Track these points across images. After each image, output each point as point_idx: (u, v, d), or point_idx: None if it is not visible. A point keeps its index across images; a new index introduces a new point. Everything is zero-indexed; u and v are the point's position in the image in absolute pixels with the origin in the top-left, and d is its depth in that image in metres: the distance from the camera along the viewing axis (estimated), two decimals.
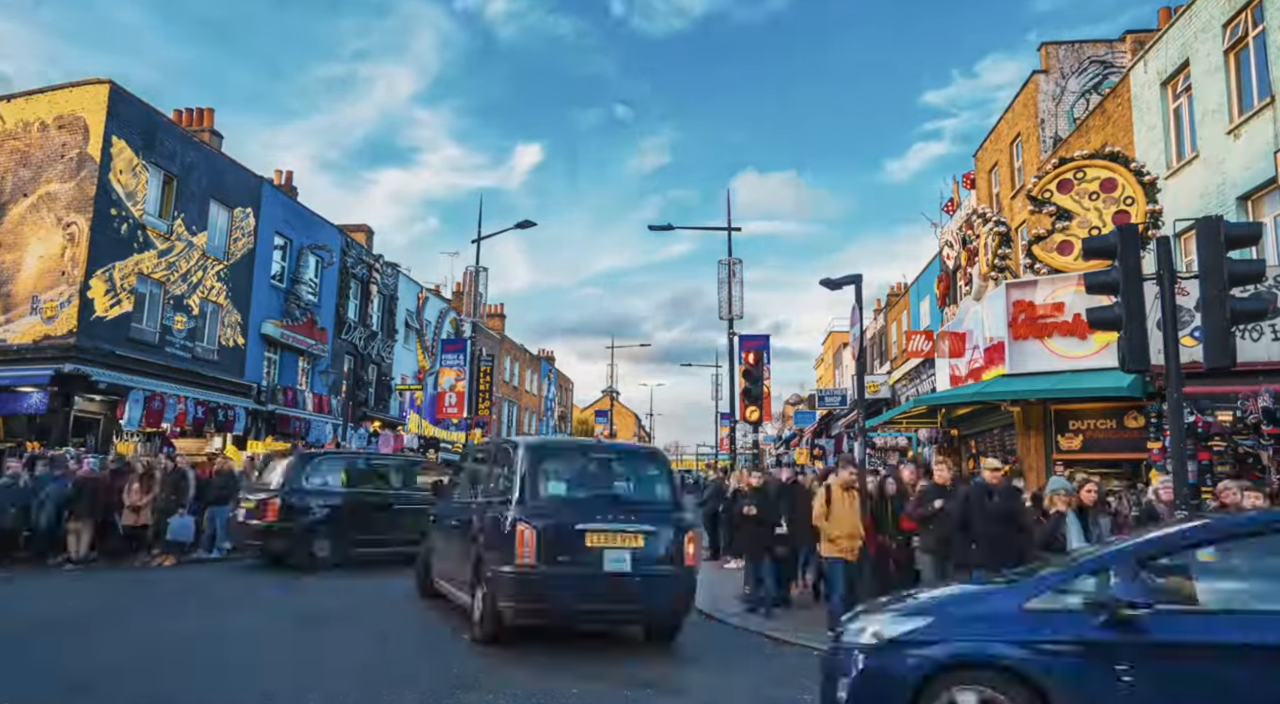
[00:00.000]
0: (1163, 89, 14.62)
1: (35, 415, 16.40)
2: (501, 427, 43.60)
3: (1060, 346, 12.35)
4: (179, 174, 19.93)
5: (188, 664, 6.64)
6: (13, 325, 17.35)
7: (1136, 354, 7.15)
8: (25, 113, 18.41)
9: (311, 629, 8.36)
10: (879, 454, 22.95)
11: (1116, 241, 7.39)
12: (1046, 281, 12.72)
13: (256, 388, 22.57)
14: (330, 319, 26.86)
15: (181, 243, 19.98)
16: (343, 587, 10.93)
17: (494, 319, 45.27)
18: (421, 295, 34.85)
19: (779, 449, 50.68)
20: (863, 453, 10.36)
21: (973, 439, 16.89)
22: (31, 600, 9.65)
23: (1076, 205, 12.97)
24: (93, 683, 5.98)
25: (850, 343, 12.82)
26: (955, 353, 15.11)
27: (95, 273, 17.40)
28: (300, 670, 6.58)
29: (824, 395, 34.15)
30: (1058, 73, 19.88)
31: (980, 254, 15.26)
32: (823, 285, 11.13)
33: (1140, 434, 11.33)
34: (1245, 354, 8.94)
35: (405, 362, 32.80)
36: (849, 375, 35.64)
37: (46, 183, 17.82)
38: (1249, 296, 7.99)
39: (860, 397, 10.77)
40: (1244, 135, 12.49)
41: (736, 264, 18.61)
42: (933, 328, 22.00)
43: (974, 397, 13.61)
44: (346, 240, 28.32)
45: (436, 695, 5.90)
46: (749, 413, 15.98)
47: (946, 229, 19.43)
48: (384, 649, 7.40)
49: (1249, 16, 12.46)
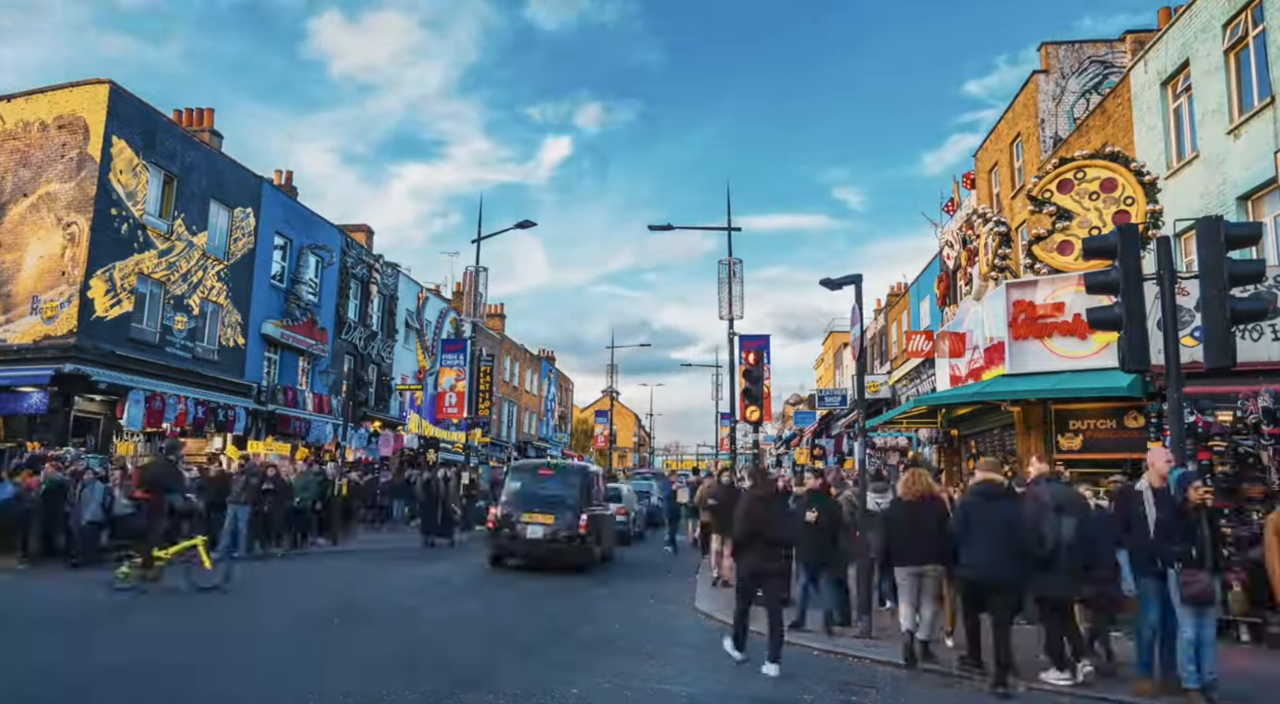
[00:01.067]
0: (1163, 89, 14.61)
1: (35, 415, 16.39)
2: (501, 427, 43.59)
3: (1060, 346, 12.34)
4: (179, 174, 19.93)
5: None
6: (13, 325, 17.35)
7: (1136, 354, 7.16)
8: (25, 113, 18.40)
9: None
10: (879, 454, 22.95)
11: (1116, 241, 7.40)
12: (1046, 281, 12.71)
13: (257, 388, 22.57)
14: (330, 319, 26.86)
15: (182, 243, 19.98)
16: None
17: (494, 319, 45.26)
18: (422, 295, 34.85)
19: (779, 449, 50.71)
20: (863, 453, 10.36)
21: (973, 439, 16.89)
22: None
23: (1076, 205, 12.97)
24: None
25: (850, 343, 12.82)
26: (955, 353, 15.10)
27: (95, 273, 17.40)
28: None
29: (824, 395, 34.14)
30: (1058, 73, 19.89)
31: (980, 254, 15.26)
32: (823, 285, 11.13)
33: (1140, 434, 11.32)
34: (1245, 354, 8.93)
35: (405, 361, 32.80)
36: (849, 375, 35.65)
37: (46, 183, 17.82)
38: (1249, 297, 8.00)
39: (860, 397, 10.77)
40: (1244, 135, 12.49)
41: (737, 264, 18.62)
42: (933, 328, 21.99)
43: (974, 397, 13.61)
44: (346, 240, 28.31)
45: (436, 695, 5.91)
46: (749, 413, 15.97)
47: (946, 229, 19.42)
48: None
49: (1249, 16, 12.46)
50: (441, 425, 32.32)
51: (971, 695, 6.66)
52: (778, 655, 7.02)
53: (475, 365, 30.93)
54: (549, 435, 56.51)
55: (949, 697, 6.67)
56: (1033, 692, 6.62)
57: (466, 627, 8.80)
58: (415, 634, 8.22)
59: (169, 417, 18.02)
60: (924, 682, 7.04)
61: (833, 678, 7.03)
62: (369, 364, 29.54)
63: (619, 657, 7.58)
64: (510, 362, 46.82)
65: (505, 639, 8.17)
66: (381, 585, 11.62)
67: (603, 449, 63.83)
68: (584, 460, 33.00)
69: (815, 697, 6.40)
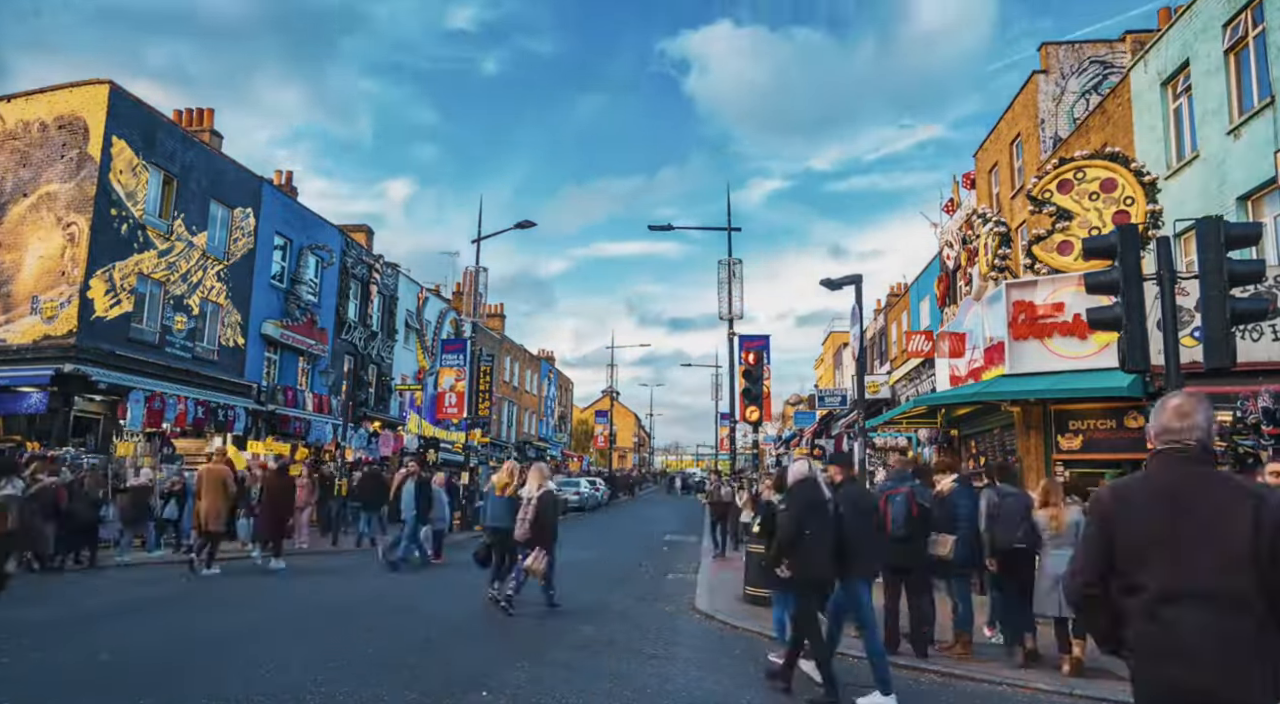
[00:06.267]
0: (1163, 89, 14.61)
1: (35, 415, 16.38)
2: (501, 427, 43.58)
3: (1060, 347, 12.34)
4: (179, 174, 19.93)
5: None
6: (13, 325, 17.34)
7: (1136, 354, 7.15)
8: (25, 113, 18.40)
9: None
10: (879, 454, 22.94)
11: (1116, 242, 7.39)
12: (1046, 282, 12.71)
13: (256, 388, 22.57)
14: (330, 319, 26.85)
15: (181, 243, 19.98)
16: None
17: (494, 319, 45.24)
18: (421, 295, 34.83)
19: (779, 449, 50.69)
20: (863, 453, 10.36)
21: (973, 439, 16.88)
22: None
23: (1076, 205, 12.96)
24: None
25: (850, 343, 12.82)
26: (955, 353, 15.10)
27: (95, 273, 17.40)
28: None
29: (824, 395, 34.11)
30: (1058, 73, 19.88)
31: (980, 254, 15.25)
32: (823, 285, 11.14)
33: (1140, 434, 11.31)
34: (1245, 354, 8.92)
35: (405, 362, 32.79)
36: (849, 375, 35.63)
37: (46, 183, 17.82)
38: (1249, 297, 8.00)
39: (860, 397, 10.78)
40: (1244, 135, 12.49)
41: (736, 264, 18.63)
42: (933, 328, 21.98)
43: (974, 397, 13.60)
44: (346, 240, 28.31)
45: (436, 695, 5.90)
46: (749, 413, 15.97)
47: (946, 229, 19.41)
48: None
49: (1249, 16, 12.45)
50: (441, 425, 32.32)
51: (972, 695, 6.66)
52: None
53: (475, 365, 30.90)
54: (549, 435, 56.50)
55: (949, 696, 6.67)
56: (1032, 691, 6.62)
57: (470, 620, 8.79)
58: (416, 632, 8.23)
59: (169, 417, 18.01)
60: (924, 682, 7.04)
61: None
62: (369, 364, 29.53)
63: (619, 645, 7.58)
64: (510, 361, 46.81)
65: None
66: (378, 585, 11.63)
67: (603, 449, 63.82)
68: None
69: (815, 696, 6.38)
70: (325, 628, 8.46)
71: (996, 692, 6.74)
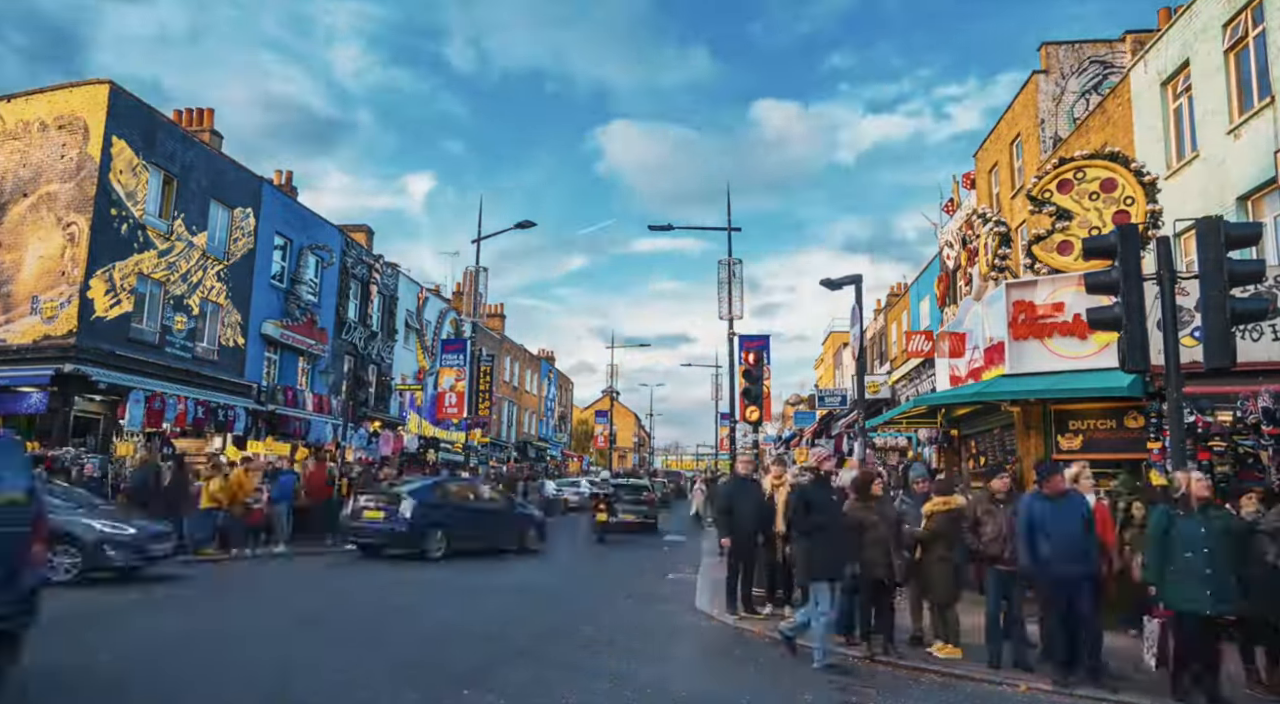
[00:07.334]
0: (1163, 89, 14.61)
1: (35, 415, 16.38)
2: (501, 427, 43.59)
3: (1060, 347, 12.32)
4: (179, 174, 19.92)
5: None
6: (13, 325, 17.34)
7: (1136, 354, 7.16)
8: (25, 113, 18.39)
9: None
10: (879, 454, 22.93)
11: (1116, 241, 7.40)
12: (1046, 281, 12.70)
13: (256, 388, 22.56)
14: (330, 319, 26.85)
15: (181, 243, 19.98)
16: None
17: (494, 319, 45.25)
18: (421, 295, 34.84)
19: (779, 449, 50.71)
20: (863, 453, 10.37)
21: (973, 439, 16.86)
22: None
23: (1076, 205, 12.95)
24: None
25: (850, 343, 12.83)
26: (955, 353, 15.09)
27: (95, 273, 17.39)
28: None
29: (824, 395, 34.13)
30: (1058, 73, 19.89)
31: (980, 254, 15.24)
32: (823, 285, 11.14)
33: (1140, 434, 11.30)
34: (1245, 354, 8.91)
35: (405, 362, 32.80)
36: (849, 375, 35.64)
37: (46, 183, 17.81)
38: (1249, 297, 8.00)
39: (860, 397, 10.79)
40: (1244, 135, 12.49)
41: (736, 264, 18.63)
42: (933, 328, 21.98)
43: (974, 397, 13.59)
44: (346, 240, 28.31)
45: (436, 695, 5.91)
46: (749, 413, 15.98)
47: (946, 229, 19.41)
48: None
49: (1249, 16, 12.45)
50: (441, 425, 32.34)
51: (971, 695, 6.67)
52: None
53: (475, 365, 30.94)
54: (549, 435, 56.51)
55: (949, 697, 6.67)
56: (1033, 692, 6.63)
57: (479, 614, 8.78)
58: (416, 630, 8.23)
59: (169, 417, 18.00)
60: (924, 682, 7.04)
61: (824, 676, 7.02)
62: (369, 364, 29.54)
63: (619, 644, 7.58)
64: (510, 361, 46.82)
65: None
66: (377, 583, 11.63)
67: (603, 449, 63.84)
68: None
69: (814, 697, 6.40)
70: (325, 627, 8.46)
71: (997, 692, 6.75)
